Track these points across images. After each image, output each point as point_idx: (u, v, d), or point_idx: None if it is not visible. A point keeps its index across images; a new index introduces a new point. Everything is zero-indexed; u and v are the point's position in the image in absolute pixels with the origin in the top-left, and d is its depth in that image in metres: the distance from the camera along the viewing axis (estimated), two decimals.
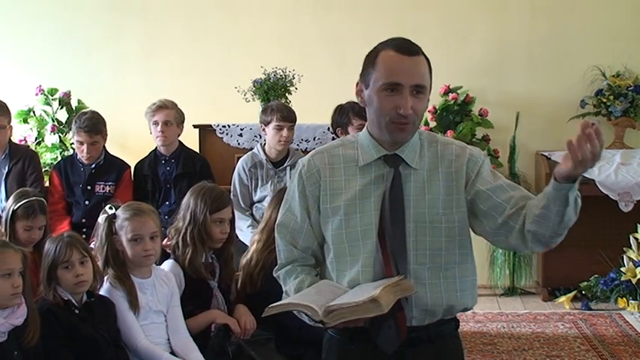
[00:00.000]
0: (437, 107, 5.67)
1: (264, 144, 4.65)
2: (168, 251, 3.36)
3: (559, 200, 1.90)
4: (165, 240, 3.39)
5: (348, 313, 1.90)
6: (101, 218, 3.14)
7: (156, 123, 4.61)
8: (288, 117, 4.51)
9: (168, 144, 4.66)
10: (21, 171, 4.46)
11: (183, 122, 4.72)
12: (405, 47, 2.09)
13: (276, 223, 2.27)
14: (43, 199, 3.71)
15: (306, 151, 4.94)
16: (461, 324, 2.25)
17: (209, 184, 3.45)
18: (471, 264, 2.15)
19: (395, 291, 1.98)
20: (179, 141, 4.74)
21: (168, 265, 3.28)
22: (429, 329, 2.11)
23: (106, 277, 3.04)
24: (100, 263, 3.04)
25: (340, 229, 2.13)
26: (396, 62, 2.07)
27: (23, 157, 4.52)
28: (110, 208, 3.13)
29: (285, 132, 4.50)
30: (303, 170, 2.20)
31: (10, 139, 4.60)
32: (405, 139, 2.13)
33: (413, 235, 2.07)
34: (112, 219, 3.08)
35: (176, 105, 4.69)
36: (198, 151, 5.01)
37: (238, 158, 4.78)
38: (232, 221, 3.41)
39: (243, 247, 3.85)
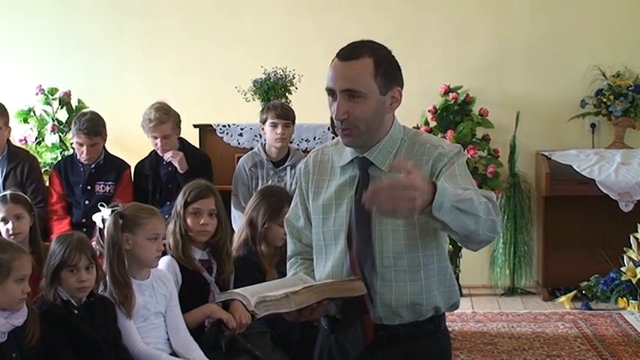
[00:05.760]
0: (437, 107, 5.66)
1: (265, 143, 4.65)
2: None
3: (433, 221, 1.87)
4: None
5: (270, 306, 1.95)
6: (97, 218, 3.14)
7: (155, 137, 4.58)
8: (282, 114, 4.52)
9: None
10: (20, 180, 4.42)
11: (180, 124, 4.69)
12: (343, 52, 2.09)
13: (285, 217, 2.34)
14: (21, 193, 3.60)
15: (306, 151, 4.95)
16: (461, 324, 2.25)
17: (196, 180, 3.49)
18: (438, 264, 2.11)
19: (335, 290, 2.01)
20: (179, 139, 4.73)
21: (164, 261, 3.30)
22: (399, 329, 2.10)
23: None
24: (105, 262, 3.03)
25: (318, 228, 2.18)
26: (332, 68, 2.10)
27: (22, 163, 4.47)
28: (102, 205, 3.14)
29: (280, 129, 4.50)
30: (302, 167, 2.28)
31: (9, 141, 4.57)
32: (354, 144, 2.11)
33: (378, 238, 2.07)
34: (119, 217, 3.06)
35: (170, 111, 4.60)
36: None
37: (238, 158, 4.79)
38: (219, 215, 3.42)
39: None
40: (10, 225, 3.41)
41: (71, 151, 5.13)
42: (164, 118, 4.55)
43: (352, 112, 2.05)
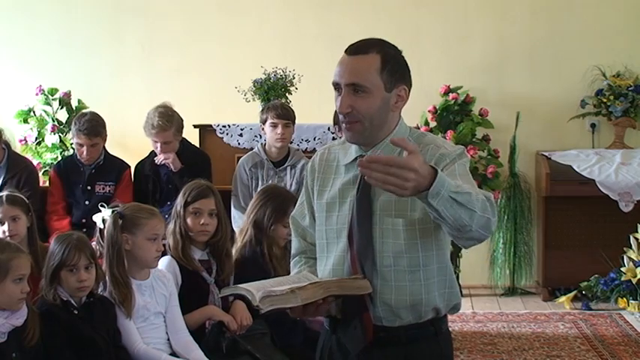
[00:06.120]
0: (437, 107, 5.66)
1: (265, 144, 4.65)
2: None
3: (427, 207, 1.85)
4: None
5: (276, 301, 1.95)
6: (97, 219, 3.14)
7: (155, 141, 4.58)
8: (282, 114, 4.52)
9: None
10: (16, 189, 4.37)
11: (182, 129, 4.66)
12: (351, 48, 2.10)
13: (290, 215, 2.35)
14: (19, 194, 3.53)
15: (306, 151, 4.95)
16: (461, 324, 2.24)
17: (196, 180, 3.49)
18: (438, 265, 2.10)
19: (341, 287, 2.02)
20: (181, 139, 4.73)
21: (164, 261, 3.29)
22: (399, 331, 2.09)
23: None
24: (104, 262, 3.03)
25: (322, 226, 2.18)
26: (339, 63, 2.10)
27: (20, 173, 4.40)
28: (102, 206, 3.14)
29: (279, 129, 4.50)
30: (309, 165, 2.28)
31: (9, 148, 4.52)
32: (357, 140, 2.11)
33: (379, 237, 2.07)
34: (119, 217, 3.06)
35: (174, 116, 4.57)
36: None
37: (238, 158, 4.79)
38: (219, 215, 3.41)
39: None
40: (6, 227, 3.37)
41: (71, 151, 5.13)
42: (167, 125, 4.52)
43: (356, 107, 2.05)
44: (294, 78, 5.05)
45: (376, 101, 2.06)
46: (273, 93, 4.99)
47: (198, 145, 5.09)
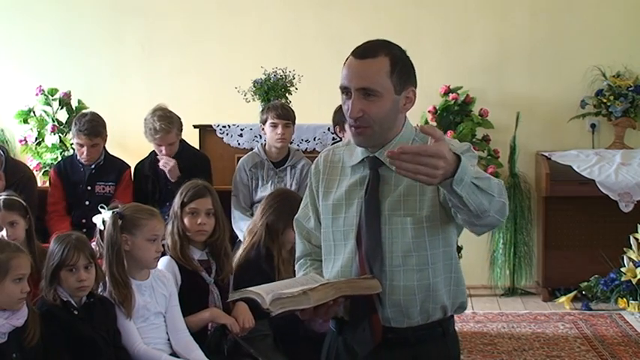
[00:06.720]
0: (437, 107, 5.66)
1: (265, 144, 4.65)
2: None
3: (450, 194, 1.86)
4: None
5: (287, 303, 1.94)
6: (97, 220, 3.14)
7: (159, 145, 4.58)
8: (282, 114, 4.51)
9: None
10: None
11: (182, 127, 4.66)
12: (359, 51, 2.09)
13: (294, 217, 2.34)
14: (16, 198, 3.44)
15: (306, 152, 4.95)
16: (461, 324, 2.24)
17: (193, 180, 3.49)
18: (444, 262, 2.11)
19: (352, 287, 2.02)
20: (179, 140, 4.72)
21: (163, 261, 3.29)
22: (407, 332, 2.10)
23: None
24: (104, 263, 3.03)
25: (328, 228, 2.18)
26: (347, 66, 2.09)
27: (17, 181, 4.29)
28: (102, 207, 3.14)
29: (280, 129, 4.50)
30: (313, 167, 2.28)
31: (8, 155, 4.49)
32: (365, 144, 2.10)
33: (388, 237, 2.08)
34: (118, 218, 3.06)
35: (173, 117, 4.55)
36: None
37: (238, 158, 4.79)
38: (217, 215, 3.41)
39: None
40: (4, 232, 3.33)
41: (71, 151, 5.13)
42: (169, 127, 4.52)
43: (367, 111, 2.05)
44: (294, 78, 5.05)
45: (387, 104, 2.06)
46: (273, 93, 4.99)
47: (198, 145, 5.09)
